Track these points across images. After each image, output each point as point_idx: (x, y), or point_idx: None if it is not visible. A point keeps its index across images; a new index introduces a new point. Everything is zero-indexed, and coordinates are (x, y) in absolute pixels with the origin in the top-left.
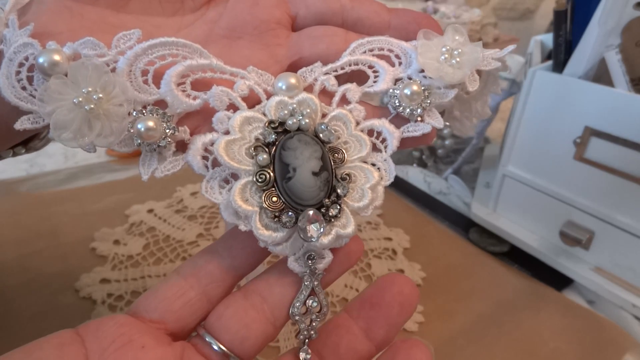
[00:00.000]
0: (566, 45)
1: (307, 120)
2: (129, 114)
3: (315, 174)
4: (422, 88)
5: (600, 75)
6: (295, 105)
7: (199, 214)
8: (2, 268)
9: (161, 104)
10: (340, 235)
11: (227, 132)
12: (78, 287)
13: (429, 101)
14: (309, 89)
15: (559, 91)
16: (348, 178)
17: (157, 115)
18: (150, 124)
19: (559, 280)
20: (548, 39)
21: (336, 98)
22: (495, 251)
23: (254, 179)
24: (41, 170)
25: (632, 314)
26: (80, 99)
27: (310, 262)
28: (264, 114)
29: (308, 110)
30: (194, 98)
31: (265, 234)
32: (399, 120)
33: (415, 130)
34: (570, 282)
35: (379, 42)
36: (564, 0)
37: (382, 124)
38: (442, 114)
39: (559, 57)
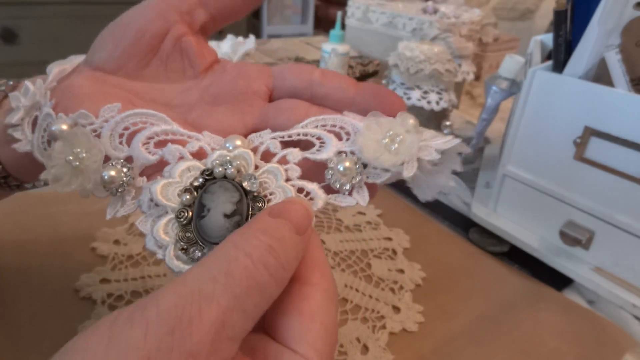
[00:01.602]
0: (566, 45)
1: (232, 170)
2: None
3: (226, 215)
4: (356, 165)
5: (600, 75)
6: (229, 157)
7: None
8: (2, 268)
9: (130, 159)
10: None
11: None
12: (78, 287)
13: (358, 179)
14: (254, 150)
15: (559, 91)
16: None
17: (120, 166)
18: (112, 173)
19: (559, 280)
20: (548, 39)
21: (275, 158)
22: (495, 251)
23: (175, 215)
24: None
25: (632, 314)
26: (71, 158)
27: None
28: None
29: (237, 162)
30: (153, 154)
31: (175, 263)
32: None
33: (340, 201)
34: (570, 282)
35: (334, 119)
36: (564, 0)
37: (313, 187)
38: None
39: (559, 57)
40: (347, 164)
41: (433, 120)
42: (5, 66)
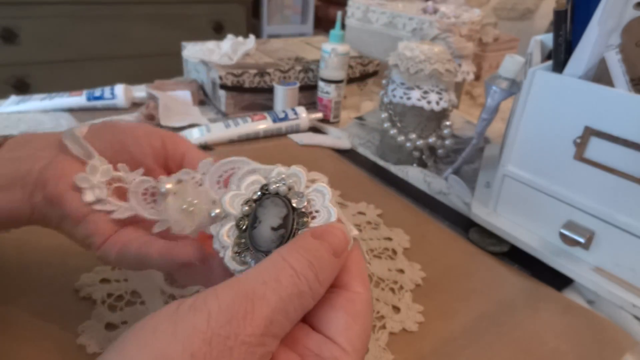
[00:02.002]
0: (566, 45)
1: (284, 187)
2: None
3: (273, 228)
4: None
5: (600, 75)
6: (284, 176)
7: None
8: (2, 268)
9: None
10: None
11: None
12: (78, 287)
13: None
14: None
15: (559, 91)
16: None
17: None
18: (218, 210)
19: (559, 280)
20: (548, 39)
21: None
22: (495, 251)
23: (235, 223)
24: None
25: (632, 314)
26: (184, 206)
27: None
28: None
29: (291, 180)
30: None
31: (231, 263)
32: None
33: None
34: (570, 282)
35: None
36: (564, 0)
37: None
38: None
39: (559, 57)
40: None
41: (433, 120)
42: (5, 66)
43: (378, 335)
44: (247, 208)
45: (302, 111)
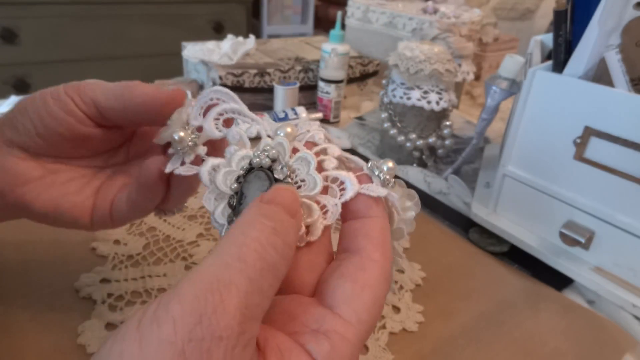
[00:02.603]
0: (566, 45)
1: (266, 160)
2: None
3: None
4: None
5: (600, 75)
6: (269, 147)
7: (199, 213)
8: (2, 268)
9: (201, 129)
10: None
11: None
12: (78, 287)
13: (393, 181)
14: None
15: (559, 91)
16: None
17: (189, 131)
18: (182, 134)
19: (559, 280)
20: (548, 39)
21: (315, 148)
22: (495, 251)
23: (227, 202)
24: None
25: (632, 314)
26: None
27: None
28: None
29: (274, 151)
30: (220, 130)
31: None
32: (366, 180)
33: (371, 191)
34: (570, 282)
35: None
36: (564, 0)
37: (347, 176)
38: None
39: (559, 57)
40: (390, 164)
41: (433, 120)
42: (5, 66)
43: (378, 335)
44: (236, 185)
45: (302, 111)
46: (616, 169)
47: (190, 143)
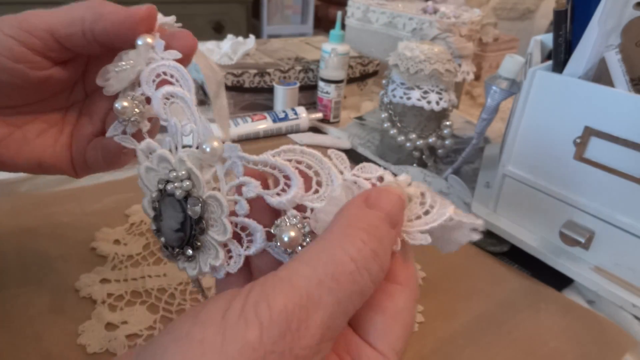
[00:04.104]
0: (566, 45)
1: (180, 192)
2: (131, 97)
3: (173, 230)
4: (304, 237)
5: (600, 75)
6: (183, 173)
7: None
8: (2, 268)
9: (149, 100)
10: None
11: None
12: (78, 287)
13: (299, 249)
14: (222, 160)
15: (559, 91)
16: (198, 248)
17: (136, 102)
18: (125, 103)
19: (559, 280)
20: (548, 39)
21: (230, 184)
22: (495, 251)
23: (151, 204)
24: None
25: (632, 314)
26: (123, 63)
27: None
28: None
29: (187, 184)
30: (165, 113)
31: (155, 234)
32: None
33: (276, 253)
34: (570, 282)
35: (313, 158)
36: (564, 0)
37: (255, 230)
38: None
39: (559, 57)
40: (293, 234)
41: (433, 120)
42: None
43: None
44: (156, 194)
45: (302, 111)
46: (616, 169)
47: (133, 118)
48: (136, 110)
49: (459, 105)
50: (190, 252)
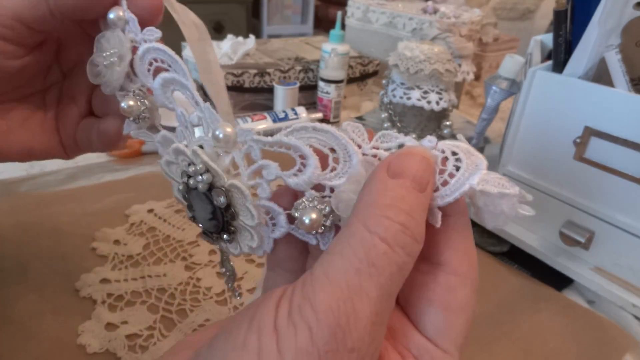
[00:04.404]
0: (566, 45)
1: (201, 186)
2: (133, 92)
3: (206, 219)
4: (325, 218)
5: (600, 75)
6: (201, 166)
7: None
8: (2, 268)
9: (151, 91)
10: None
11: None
12: (78, 287)
13: (321, 229)
14: (238, 146)
15: (559, 91)
16: (234, 232)
17: (140, 98)
18: (131, 102)
19: (559, 280)
20: (548, 39)
21: (250, 168)
22: (495, 251)
23: (182, 195)
24: (41, 170)
25: (632, 314)
26: (105, 54)
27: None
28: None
29: (207, 176)
30: (170, 103)
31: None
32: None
33: (301, 234)
34: (570, 282)
35: (328, 135)
36: (564, 0)
37: (279, 213)
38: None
39: (559, 57)
40: (313, 216)
41: (433, 120)
42: None
43: None
44: (182, 186)
45: (302, 111)
46: (616, 169)
47: (142, 115)
48: (143, 106)
49: (459, 105)
50: (226, 236)
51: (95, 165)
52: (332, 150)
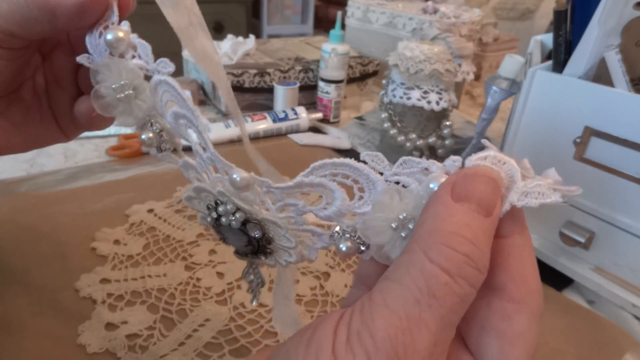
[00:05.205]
0: (566, 45)
1: (234, 224)
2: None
3: (242, 246)
4: (359, 246)
5: (600, 75)
6: (231, 206)
7: None
8: (2, 268)
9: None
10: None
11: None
12: (78, 287)
13: (356, 256)
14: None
15: (559, 91)
16: (271, 253)
17: (157, 131)
18: (150, 135)
19: (559, 280)
20: (548, 39)
21: (276, 205)
22: None
23: (211, 225)
24: (41, 170)
25: (632, 314)
26: (115, 86)
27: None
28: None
29: (239, 215)
30: (188, 142)
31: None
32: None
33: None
34: (570, 282)
35: (346, 167)
36: (564, 0)
37: (322, 235)
38: None
39: (559, 57)
40: (349, 244)
41: (433, 120)
42: None
43: None
44: (210, 219)
45: (302, 111)
46: (616, 169)
47: (164, 147)
48: (161, 139)
49: (459, 105)
50: (263, 258)
51: (95, 165)
52: (356, 181)
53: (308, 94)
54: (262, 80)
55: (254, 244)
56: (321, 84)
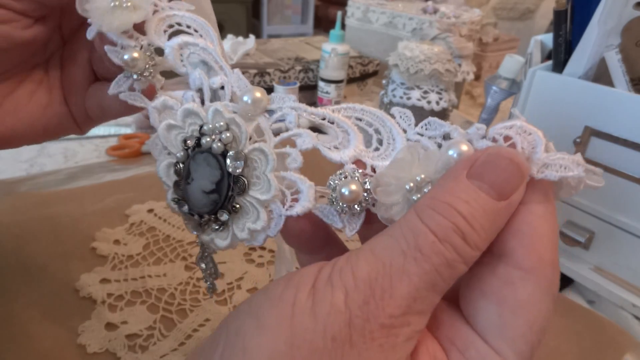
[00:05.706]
0: (566, 45)
1: (218, 145)
2: (141, 47)
3: (205, 192)
4: (365, 194)
5: (600, 75)
6: (221, 124)
7: None
8: (2, 268)
9: (161, 52)
10: (235, 236)
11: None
12: (78, 287)
13: (358, 209)
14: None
15: (559, 91)
16: (236, 211)
17: (147, 53)
18: (135, 55)
19: (559, 280)
20: (548, 39)
21: (282, 135)
22: None
23: (174, 167)
24: (41, 170)
25: (632, 314)
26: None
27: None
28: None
29: (227, 135)
30: (183, 66)
31: (172, 206)
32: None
33: (325, 215)
34: (570, 282)
35: (374, 116)
36: (564, 0)
37: (305, 188)
38: None
39: (559, 57)
40: (354, 187)
41: None
42: None
43: None
44: (182, 153)
45: None
46: (616, 169)
47: (146, 73)
48: (149, 62)
49: (459, 105)
50: (225, 216)
51: (95, 165)
52: (377, 132)
53: (308, 94)
54: (262, 80)
55: (223, 189)
56: (321, 84)
